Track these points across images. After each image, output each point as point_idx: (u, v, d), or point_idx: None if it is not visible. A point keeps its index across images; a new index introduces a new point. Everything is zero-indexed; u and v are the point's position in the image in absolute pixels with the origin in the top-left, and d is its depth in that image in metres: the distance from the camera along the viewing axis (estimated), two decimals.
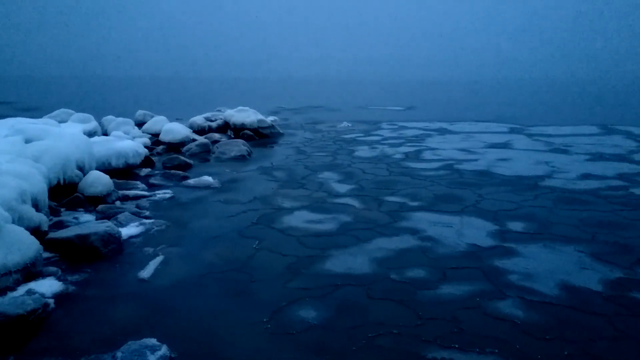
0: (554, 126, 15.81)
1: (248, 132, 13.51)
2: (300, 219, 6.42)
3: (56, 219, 6.28)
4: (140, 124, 13.71)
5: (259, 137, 13.65)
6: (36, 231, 5.24)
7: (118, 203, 7.10)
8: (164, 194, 7.68)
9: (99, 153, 8.44)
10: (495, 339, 3.60)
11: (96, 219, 6.26)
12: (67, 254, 5.09)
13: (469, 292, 4.33)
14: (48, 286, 4.39)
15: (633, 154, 11.10)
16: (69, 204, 6.86)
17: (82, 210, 6.77)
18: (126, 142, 9.36)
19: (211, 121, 14.28)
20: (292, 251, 5.30)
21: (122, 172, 8.83)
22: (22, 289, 4.28)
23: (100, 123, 12.35)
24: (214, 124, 14.14)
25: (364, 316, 3.94)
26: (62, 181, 7.00)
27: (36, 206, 5.63)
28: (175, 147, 11.69)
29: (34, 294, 4.17)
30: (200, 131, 13.65)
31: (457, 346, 3.51)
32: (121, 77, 42.33)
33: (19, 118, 8.88)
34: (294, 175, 9.09)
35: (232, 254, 5.25)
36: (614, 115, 18.93)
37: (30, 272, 4.47)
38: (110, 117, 12.90)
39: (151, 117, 14.27)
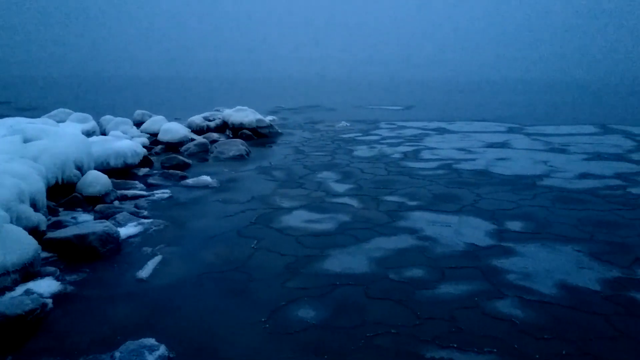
0: (552, 126, 15.82)
1: (246, 131, 13.51)
2: (298, 219, 6.42)
3: (54, 218, 6.28)
4: (138, 124, 13.70)
5: (258, 136, 13.65)
6: (34, 231, 5.24)
7: (116, 203, 7.09)
8: (162, 193, 7.67)
9: (97, 153, 8.43)
10: (493, 338, 3.61)
11: (94, 219, 6.26)
12: (66, 253, 5.08)
13: (468, 292, 4.33)
14: (46, 286, 4.39)
15: (631, 153, 11.11)
16: (67, 204, 6.85)
17: (80, 210, 6.77)
18: (124, 142, 9.35)
19: (210, 121, 14.28)
20: (290, 251, 5.30)
21: (121, 171, 8.83)
22: (20, 289, 4.28)
23: (98, 123, 12.35)
24: (212, 124, 14.14)
25: (363, 316, 3.94)
26: (60, 181, 7.00)
27: (34, 206, 5.63)
28: (173, 146, 11.69)
29: (32, 294, 4.16)
30: (199, 131, 13.65)
31: (455, 346, 3.52)
32: (119, 77, 42.27)
33: (17, 118, 8.87)
34: (293, 174, 9.09)
35: (230, 253, 5.25)
36: (612, 114, 18.96)
37: (28, 272, 4.46)
38: (109, 116, 12.90)
39: (149, 116, 14.26)
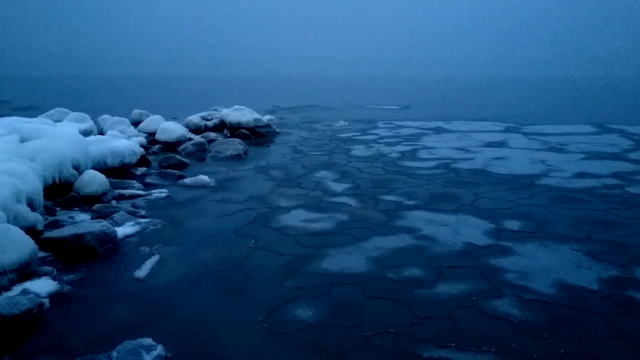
0: (550, 125, 15.86)
1: (244, 131, 13.50)
2: (296, 218, 6.41)
3: (51, 218, 6.26)
4: (136, 123, 13.69)
5: (255, 136, 13.64)
6: (31, 230, 5.22)
7: (114, 202, 7.07)
8: (159, 193, 7.66)
9: (94, 152, 8.41)
10: (491, 337, 3.60)
11: (92, 219, 6.24)
12: (63, 253, 5.07)
13: (466, 291, 4.33)
14: (43, 286, 4.38)
15: (629, 152, 11.14)
16: (64, 204, 6.83)
17: (77, 209, 6.75)
18: (122, 142, 9.33)
19: (207, 120, 14.27)
20: (288, 250, 5.29)
21: (118, 171, 8.81)
22: (17, 288, 4.27)
23: (96, 122, 12.34)
24: (210, 123, 14.13)
25: (361, 315, 3.93)
26: (57, 180, 6.98)
27: (31, 205, 5.61)
28: (171, 146, 11.67)
29: (29, 293, 4.15)
30: (196, 130, 13.64)
31: (453, 345, 3.51)
32: (117, 76, 42.18)
33: (14, 117, 8.87)
34: (290, 174, 9.08)
35: (228, 253, 5.24)
36: (609, 114, 18.99)
37: (25, 271, 4.45)
38: (106, 116, 12.89)
39: (147, 116, 14.26)
